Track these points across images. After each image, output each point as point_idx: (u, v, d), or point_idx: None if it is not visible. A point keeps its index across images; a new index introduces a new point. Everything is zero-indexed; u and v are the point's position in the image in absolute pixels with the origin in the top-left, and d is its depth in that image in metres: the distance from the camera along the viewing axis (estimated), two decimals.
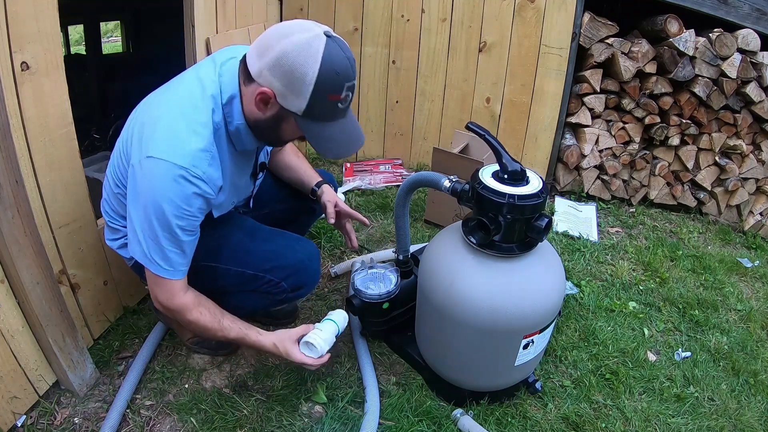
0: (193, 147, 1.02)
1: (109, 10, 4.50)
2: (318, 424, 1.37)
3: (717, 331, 1.84)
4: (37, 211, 1.25)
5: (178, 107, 1.07)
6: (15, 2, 1.11)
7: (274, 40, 0.95)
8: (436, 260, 1.31)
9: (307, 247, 1.35)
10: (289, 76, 0.94)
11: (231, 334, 1.22)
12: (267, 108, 1.02)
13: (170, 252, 1.09)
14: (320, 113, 0.99)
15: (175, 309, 1.16)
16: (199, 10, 1.87)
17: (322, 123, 1.01)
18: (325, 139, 1.02)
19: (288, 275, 1.31)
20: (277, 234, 1.37)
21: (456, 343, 1.31)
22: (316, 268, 1.36)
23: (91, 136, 3.22)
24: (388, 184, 2.72)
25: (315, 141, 1.02)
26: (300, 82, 0.94)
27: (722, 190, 2.63)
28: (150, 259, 1.09)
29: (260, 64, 0.97)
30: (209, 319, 1.19)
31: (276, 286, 1.31)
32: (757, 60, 2.33)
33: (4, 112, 1.09)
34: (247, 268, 1.29)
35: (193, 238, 1.13)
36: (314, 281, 1.39)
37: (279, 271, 1.29)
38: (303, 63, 0.92)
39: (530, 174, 1.23)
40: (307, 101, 0.96)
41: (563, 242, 2.33)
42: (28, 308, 1.23)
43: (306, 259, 1.33)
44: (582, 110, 2.58)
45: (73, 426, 1.32)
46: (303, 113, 0.98)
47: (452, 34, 2.62)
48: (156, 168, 1.01)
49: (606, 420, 1.44)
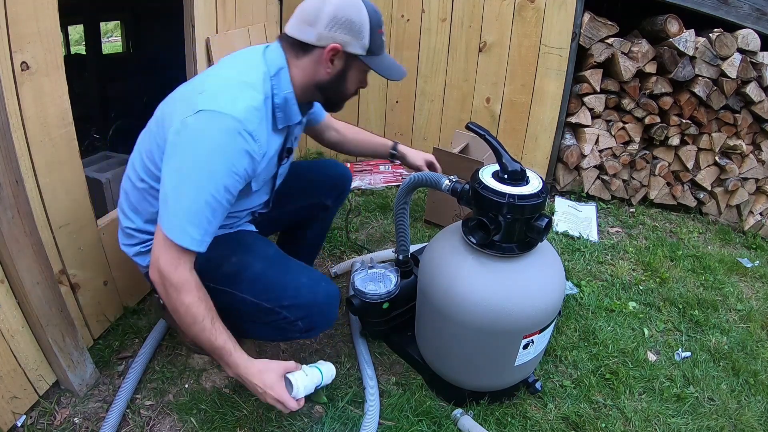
0: (247, 103, 1.05)
1: (109, 10, 4.50)
2: (318, 424, 1.37)
3: (717, 331, 1.84)
4: (37, 211, 1.25)
5: (228, 72, 1.13)
6: (15, 2, 1.11)
7: (317, 8, 1.08)
8: (436, 260, 1.31)
9: (329, 289, 1.25)
10: (350, 25, 1.09)
11: (218, 340, 1.08)
12: (334, 64, 1.13)
13: (204, 218, 1.03)
14: (376, 47, 1.14)
15: (173, 282, 1.04)
16: (199, 10, 1.87)
17: (379, 56, 1.16)
18: (386, 67, 1.18)
19: (305, 315, 1.23)
20: (301, 268, 1.28)
21: (456, 343, 1.31)
22: (334, 312, 1.29)
23: (91, 136, 3.22)
24: (388, 184, 2.72)
25: (380, 69, 1.16)
26: (360, 26, 1.10)
27: (722, 190, 2.64)
28: (183, 231, 1.02)
29: (316, 30, 1.09)
30: (202, 311, 1.07)
31: (291, 324, 1.23)
32: (757, 60, 2.33)
33: (4, 112, 1.09)
34: (265, 301, 1.21)
35: (228, 206, 1.08)
36: (328, 325, 1.31)
37: (296, 310, 1.22)
38: (355, 12, 1.09)
39: (530, 174, 1.23)
40: (368, 39, 1.11)
41: (563, 242, 2.33)
42: (28, 308, 1.23)
43: (325, 302, 1.24)
44: (582, 110, 2.58)
45: (73, 426, 1.32)
46: (367, 51, 1.13)
47: (452, 34, 2.62)
48: (209, 120, 1.01)
49: (606, 420, 1.44)
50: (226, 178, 1.03)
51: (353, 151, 1.71)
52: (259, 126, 1.08)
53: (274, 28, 2.71)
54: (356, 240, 2.22)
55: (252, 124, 1.05)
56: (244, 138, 1.03)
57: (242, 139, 1.03)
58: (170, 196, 1.04)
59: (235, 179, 1.06)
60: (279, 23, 2.85)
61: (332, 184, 1.62)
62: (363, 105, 2.87)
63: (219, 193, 1.04)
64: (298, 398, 1.12)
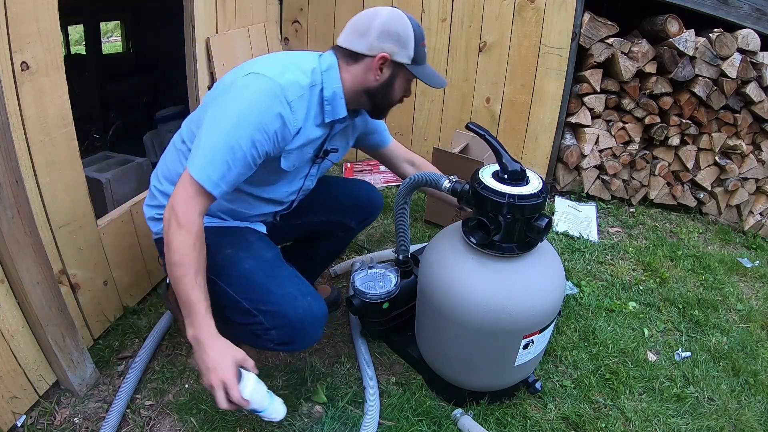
0: (292, 77, 1.15)
1: (109, 10, 4.50)
2: (318, 424, 1.37)
3: (717, 331, 1.84)
4: (37, 211, 1.25)
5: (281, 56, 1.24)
6: (15, 2, 1.11)
7: (369, 21, 1.20)
8: (436, 260, 1.31)
9: (315, 307, 1.21)
10: (397, 37, 1.19)
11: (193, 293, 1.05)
12: (383, 72, 1.22)
13: (222, 158, 1.07)
14: (420, 57, 1.24)
15: (179, 217, 1.06)
16: (199, 10, 1.87)
17: (422, 65, 1.26)
18: (429, 75, 1.27)
19: (280, 326, 1.18)
20: (292, 279, 1.25)
21: (456, 343, 1.31)
22: (314, 331, 1.23)
23: (91, 136, 3.23)
24: (388, 184, 2.72)
25: (423, 77, 1.25)
26: (406, 38, 1.19)
27: (722, 190, 2.64)
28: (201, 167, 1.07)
29: (367, 41, 1.20)
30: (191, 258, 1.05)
31: (265, 331, 1.19)
32: (757, 60, 2.33)
33: (4, 112, 1.09)
34: (245, 300, 1.19)
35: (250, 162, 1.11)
36: (306, 343, 1.25)
37: (273, 318, 1.18)
38: (402, 25, 1.19)
39: (530, 174, 1.23)
40: (413, 50, 1.21)
41: (563, 242, 2.33)
42: (28, 308, 1.23)
43: (306, 319, 1.19)
44: (582, 110, 2.58)
45: (73, 426, 1.32)
46: (412, 60, 1.22)
47: (452, 34, 2.62)
48: (254, 80, 1.12)
49: (606, 420, 1.44)
50: (256, 132, 1.09)
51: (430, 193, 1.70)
52: (299, 101, 1.16)
53: (274, 28, 2.71)
54: (356, 240, 2.22)
55: (292, 94, 1.13)
56: (281, 103, 1.11)
57: (279, 103, 1.11)
58: (202, 137, 1.10)
59: (264, 137, 1.11)
60: (279, 23, 2.85)
61: (359, 207, 1.62)
62: None
63: (245, 143, 1.08)
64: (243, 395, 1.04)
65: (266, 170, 1.22)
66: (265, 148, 1.12)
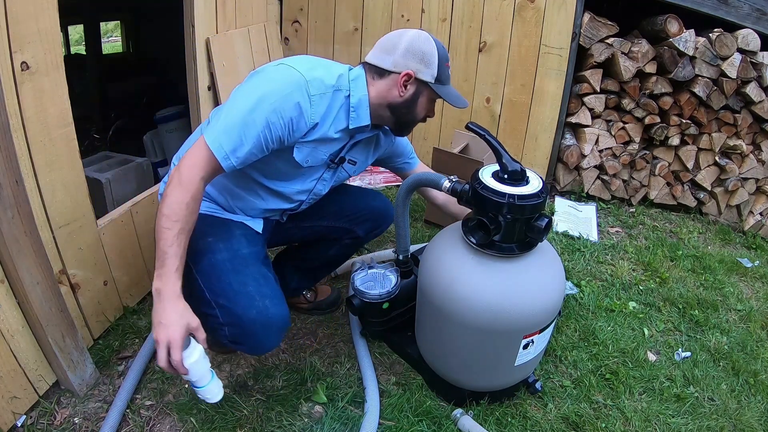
0: (317, 75, 1.19)
1: (109, 10, 4.50)
2: (318, 424, 1.37)
3: (717, 331, 1.84)
4: (37, 211, 1.25)
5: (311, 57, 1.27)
6: (15, 2, 1.11)
7: (395, 40, 1.25)
8: (436, 260, 1.31)
9: (270, 308, 1.18)
10: (421, 56, 1.23)
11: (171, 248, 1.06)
12: (407, 89, 1.26)
13: (236, 130, 1.10)
14: (443, 77, 1.28)
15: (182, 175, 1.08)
16: (199, 10, 1.87)
17: (446, 86, 1.30)
18: (451, 95, 1.31)
19: (231, 323, 1.17)
20: (257, 278, 1.22)
21: (456, 343, 1.31)
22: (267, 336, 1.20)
23: (91, 136, 3.23)
24: (388, 184, 2.73)
25: (446, 96, 1.29)
26: (430, 57, 1.24)
27: (722, 190, 2.64)
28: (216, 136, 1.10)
29: (393, 58, 1.24)
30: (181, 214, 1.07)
31: (219, 326, 1.18)
32: (757, 60, 2.33)
33: (4, 112, 1.09)
34: (208, 291, 1.19)
35: (262, 143, 1.13)
36: (258, 347, 1.23)
37: (226, 315, 1.17)
38: (427, 45, 1.24)
39: (530, 174, 1.23)
40: (437, 69, 1.25)
41: (563, 242, 2.33)
42: (28, 308, 1.23)
43: (258, 321, 1.16)
44: (582, 110, 2.58)
45: (73, 426, 1.32)
46: (435, 79, 1.26)
47: (452, 34, 2.62)
48: (282, 69, 1.16)
49: (606, 420, 1.44)
50: (272, 114, 1.12)
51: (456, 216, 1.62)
52: (320, 98, 1.19)
53: (274, 28, 2.71)
54: None
55: (315, 90, 1.17)
56: (302, 93, 1.14)
57: (300, 93, 1.14)
58: (223, 112, 1.15)
59: (279, 121, 1.13)
60: (279, 23, 2.86)
61: (370, 217, 1.61)
62: None
63: (260, 122, 1.11)
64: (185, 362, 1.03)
65: (280, 159, 1.24)
66: (278, 132, 1.14)
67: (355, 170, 1.44)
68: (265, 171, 1.28)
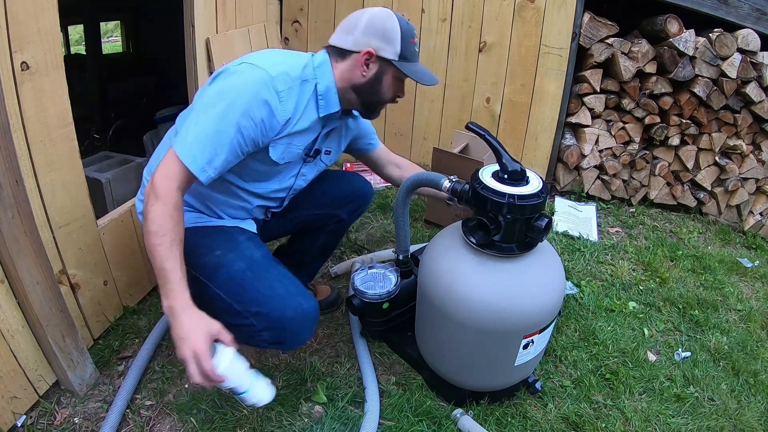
0: (282, 69, 1.16)
1: (109, 10, 4.50)
2: (318, 424, 1.37)
3: (717, 331, 1.84)
4: (37, 211, 1.25)
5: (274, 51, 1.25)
6: (15, 2, 1.11)
7: (355, 19, 1.22)
8: (436, 260, 1.31)
9: (303, 304, 1.20)
10: (383, 32, 1.19)
11: (168, 262, 1.03)
12: (369, 68, 1.22)
13: (210, 145, 1.08)
14: (409, 54, 1.23)
15: (157, 189, 1.05)
16: (199, 10, 1.87)
17: (412, 62, 1.25)
18: (418, 72, 1.25)
19: (270, 327, 1.19)
20: (281, 279, 1.24)
21: (456, 343, 1.31)
22: (305, 330, 1.23)
23: (91, 136, 3.23)
24: (387, 184, 2.72)
25: (412, 74, 1.23)
26: (392, 33, 1.19)
27: (722, 190, 2.64)
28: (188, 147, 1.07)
29: (353, 37, 1.21)
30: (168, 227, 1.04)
31: (257, 333, 1.20)
32: (757, 60, 2.33)
33: (4, 112, 1.09)
34: (236, 303, 1.20)
35: (237, 150, 1.12)
36: (298, 342, 1.25)
37: (263, 320, 1.18)
38: (388, 20, 1.20)
39: (530, 174, 1.23)
40: (400, 45, 1.20)
41: (563, 242, 2.33)
42: (28, 308, 1.23)
43: (295, 319, 1.19)
44: (582, 110, 2.58)
45: (73, 426, 1.32)
46: (399, 57, 1.21)
47: (452, 34, 2.62)
48: (245, 68, 1.13)
49: (606, 420, 1.44)
50: (242, 118, 1.10)
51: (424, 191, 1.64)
52: (288, 93, 1.17)
53: (274, 28, 2.71)
54: (356, 240, 2.22)
55: (282, 85, 1.14)
56: (270, 91, 1.12)
57: (267, 92, 1.12)
58: (191, 121, 1.12)
59: (250, 124, 1.11)
60: (279, 23, 2.86)
61: (350, 198, 1.62)
62: None
63: (231, 128, 1.09)
64: (217, 370, 1.00)
65: (256, 160, 1.22)
66: (251, 134, 1.13)
67: (331, 159, 1.43)
68: (243, 174, 1.26)
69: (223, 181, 1.25)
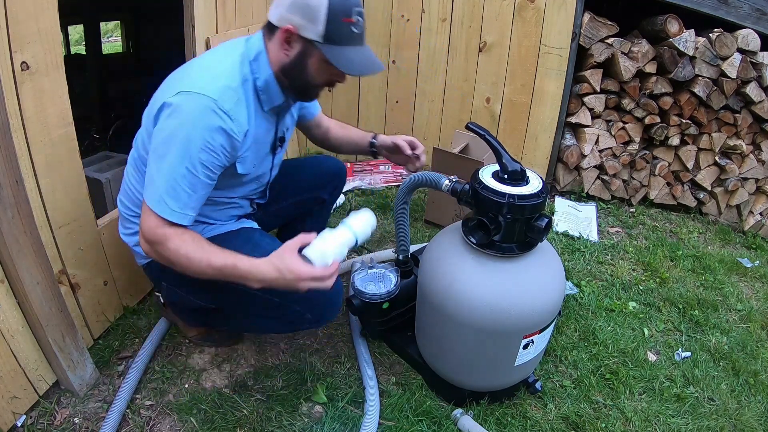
0: (221, 83, 1.09)
1: (109, 10, 4.50)
2: (318, 424, 1.37)
3: (717, 331, 1.84)
4: (37, 211, 1.25)
5: (208, 60, 1.18)
6: (15, 2, 1.11)
7: None
8: (436, 260, 1.31)
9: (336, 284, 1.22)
10: (305, 9, 1.06)
11: (217, 261, 1.09)
12: (291, 47, 1.11)
13: (182, 190, 1.07)
14: (339, 37, 1.08)
15: (157, 239, 1.08)
16: (199, 10, 1.87)
17: (342, 46, 1.09)
18: (347, 58, 1.10)
19: (313, 307, 1.27)
20: None
21: (456, 343, 1.31)
22: (338, 303, 1.33)
23: (91, 136, 3.23)
24: (388, 184, 2.72)
25: (336, 60, 1.09)
26: (315, 10, 1.05)
27: (722, 190, 2.64)
28: (160, 200, 1.07)
29: (279, 10, 1.10)
30: (191, 246, 1.09)
31: (301, 316, 1.27)
32: (757, 60, 2.33)
33: (4, 112, 1.09)
34: (275, 296, 1.23)
35: (209, 181, 1.11)
36: (335, 315, 1.35)
37: (306, 303, 1.25)
38: None
39: (530, 174, 1.23)
40: (324, 25, 1.06)
41: (563, 242, 2.33)
42: (28, 308, 1.23)
43: (334, 294, 1.27)
44: (582, 110, 2.58)
45: (73, 426, 1.32)
46: (323, 38, 1.07)
47: (452, 34, 2.62)
48: (186, 100, 1.06)
49: (606, 420, 1.44)
50: (202, 153, 1.06)
51: (336, 147, 1.65)
52: (236, 106, 1.10)
53: None
54: None
55: (227, 103, 1.08)
56: (219, 115, 1.06)
57: (217, 117, 1.06)
58: (153, 168, 1.09)
59: (212, 155, 1.08)
60: None
61: (328, 179, 1.67)
62: (363, 105, 2.87)
63: (195, 168, 1.07)
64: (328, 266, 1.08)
65: (226, 176, 1.20)
66: (217, 163, 1.11)
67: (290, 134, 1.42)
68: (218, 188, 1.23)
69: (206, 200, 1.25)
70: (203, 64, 1.17)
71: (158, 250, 1.11)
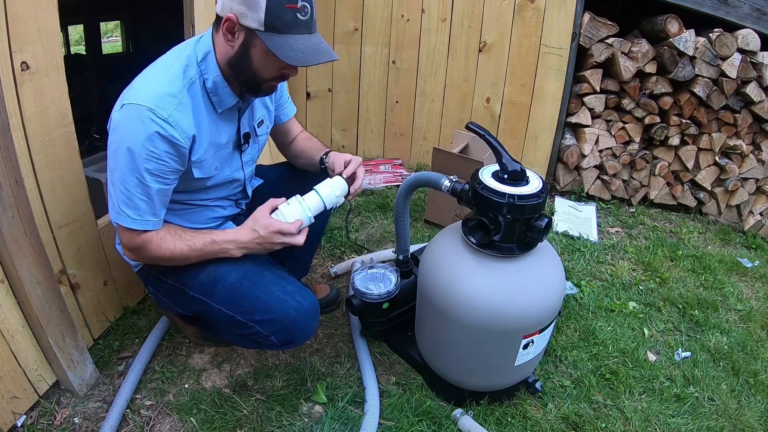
0: (160, 91, 1.07)
1: (109, 10, 4.50)
2: (318, 424, 1.37)
3: (717, 331, 1.84)
4: (37, 211, 1.25)
5: (153, 69, 1.15)
6: (15, 2, 1.11)
7: None
8: (436, 260, 1.31)
9: (303, 303, 1.21)
10: None
11: (197, 244, 1.18)
12: (234, 38, 1.07)
13: (138, 199, 1.09)
14: (281, 24, 1.02)
15: (137, 246, 1.15)
16: (199, 10, 1.87)
17: (285, 35, 1.03)
18: (289, 47, 1.03)
19: (277, 330, 1.19)
20: (277, 282, 1.24)
21: (456, 343, 1.31)
22: (310, 326, 1.24)
23: (91, 136, 3.22)
24: (388, 184, 2.72)
25: (278, 50, 1.02)
26: None
27: (722, 190, 2.63)
28: (119, 211, 1.10)
29: (222, 1, 1.05)
30: (171, 242, 1.16)
31: (265, 338, 1.21)
32: (757, 60, 2.33)
33: (4, 112, 1.09)
34: (239, 314, 1.20)
35: (163, 186, 1.11)
36: (305, 338, 1.26)
37: (268, 325, 1.19)
38: None
39: (530, 174, 1.23)
40: (264, 11, 1.00)
41: (563, 242, 2.33)
42: (28, 308, 1.23)
43: (299, 316, 1.19)
44: (582, 110, 2.58)
45: (73, 426, 1.32)
46: (264, 26, 1.01)
47: (452, 34, 2.62)
48: (126, 112, 1.06)
49: (606, 420, 1.44)
50: (148, 163, 1.07)
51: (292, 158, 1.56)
52: (178, 112, 1.08)
53: None
54: (356, 240, 2.22)
55: (166, 109, 1.06)
56: (155, 123, 1.05)
57: (155, 125, 1.05)
58: (109, 185, 1.12)
59: (158, 163, 1.08)
60: None
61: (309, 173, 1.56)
62: (363, 105, 2.87)
63: (144, 178, 1.08)
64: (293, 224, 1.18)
65: (189, 180, 1.20)
66: (165, 169, 1.09)
67: (266, 127, 1.38)
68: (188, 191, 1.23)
69: (179, 203, 1.25)
70: (147, 74, 1.14)
71: (142, 255, 1.18)
